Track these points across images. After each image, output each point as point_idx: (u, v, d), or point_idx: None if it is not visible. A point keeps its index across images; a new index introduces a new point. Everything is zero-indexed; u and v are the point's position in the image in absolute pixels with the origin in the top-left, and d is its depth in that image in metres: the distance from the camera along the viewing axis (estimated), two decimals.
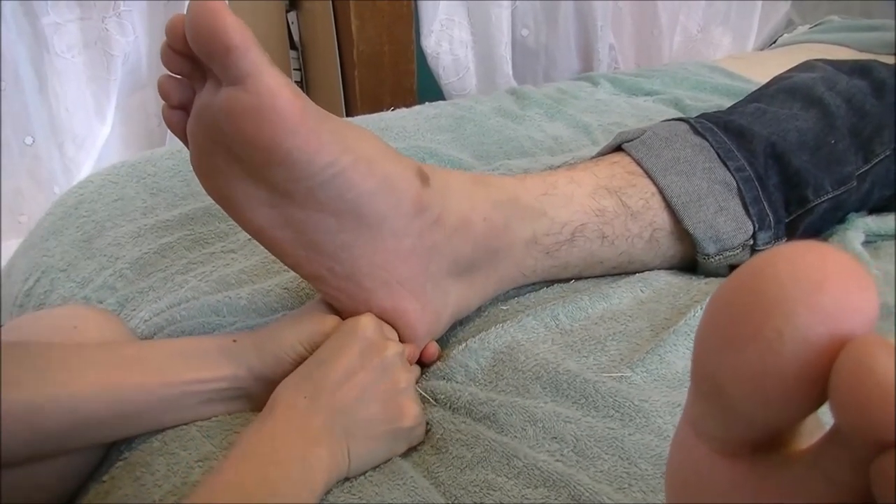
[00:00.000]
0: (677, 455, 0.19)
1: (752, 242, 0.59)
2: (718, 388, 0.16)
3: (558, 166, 0.63)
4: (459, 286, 0.53)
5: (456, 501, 0.41)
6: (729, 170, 0.59)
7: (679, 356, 0.51)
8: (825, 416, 0.16)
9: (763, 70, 1.12)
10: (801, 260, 0.14)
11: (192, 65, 0.44)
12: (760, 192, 0.59)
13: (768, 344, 0.14)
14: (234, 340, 0.48)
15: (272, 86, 0.41)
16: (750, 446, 0.17)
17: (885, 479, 0.13)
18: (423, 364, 0.52)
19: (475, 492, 0.41)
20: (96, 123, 1.15)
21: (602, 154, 0.64)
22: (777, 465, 0.16)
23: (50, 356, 0.44)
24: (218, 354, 0.47)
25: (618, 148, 0.63)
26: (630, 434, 0.44)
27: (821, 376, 0.14)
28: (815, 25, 1.47)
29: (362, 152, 0.46)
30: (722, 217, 0.58)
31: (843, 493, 0.14)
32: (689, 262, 0.61)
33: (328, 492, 0.42)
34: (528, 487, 0.41)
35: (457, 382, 0.50)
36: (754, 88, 0.74)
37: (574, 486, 0.40)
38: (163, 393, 0.45)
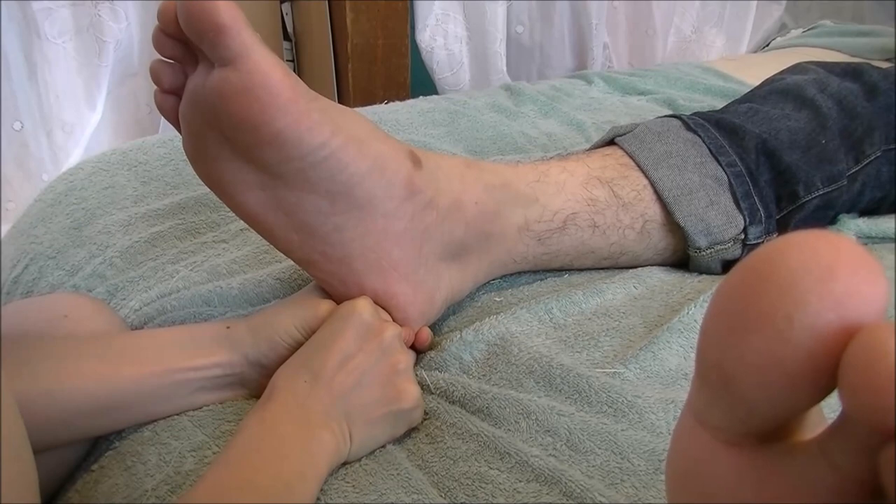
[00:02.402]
0: (679, 444, 0.19)
1: (743, 237, 0.59)
2: (724, 377, 0.16)
3: (551, 157, 0.63)
4: (452, 270, 0.53)
5: (448, 493, 0.41)
6: (720, 165, 0.59)
7: (672, 353, 0.51)
8: (828, 411, 0.17)
9: (755, 73, 1.12)
10: (811, 247, 0.14)
11: (183, 49, 0.43)
12: (752, 188, 0.59)
13: (777, 331, 0.14)
14: (228, 327, 0.47)
15: (262, 65, 0.41)
16: (754, 436, 0.16)
17: (894, 468, 0.13)
18: (416, 350, 0.52)
19: (468, 484, 0.41)
20: (86, 111, 1.14)
21: (595, 148, 0.64)
22: (781, 454, 0.16)
23: (42, 350, 0.43)
24: (211, 341, 0.46)
25: (611, 142, 0.63)
26: (623, 429, 0.44)
27: (830, 364, 0.14)
28: (808, 30, 1.48)
29: (353, 133, 0.46)
30: (713, 211, 0.58)
31: (849, 483, 0.14)
32: (682, 257, 0.61)
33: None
34: (520, 482, 0.41)
35: (451, 374, 0.50)
36: (747, 90, 0.74)
37: (566, 483, 0.40)
38: (157, 382, 0.45)
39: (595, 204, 0.57)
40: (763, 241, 0.60)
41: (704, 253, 0.59)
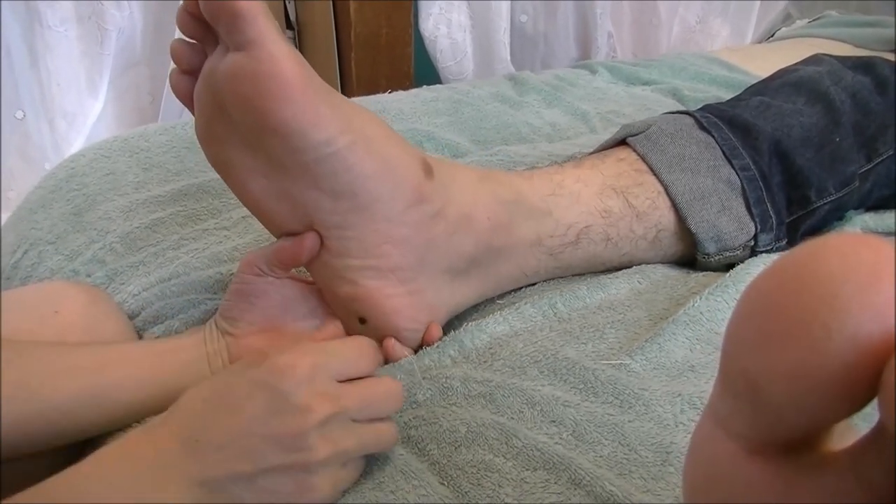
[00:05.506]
0: (700, 450, 0.18)
1: (752, 243, 0.59)
2: (752, 384, 0.15)
3: (565, 160, 0.62)
4: (456, 284, 0.52)
5: (452, 482, 0.40)
6: (734, 168, 0.58)
7: (678, 345, 0.50)
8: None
9: (760, 63, 1.12)
10: (853, 254, 0.14)
11: (205, 29, 0.43)
12: (764, 193, 0.58)
13: (813, 340, 0.14)
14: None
15: (275, 53, 0.41)
16: (780, 445, 0.16)
17: None
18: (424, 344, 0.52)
19: (472, 472, 0.40)
20: (88, 99, 1.13)
21: (606, 147, 0.63)
22: (809, 465, 0.15)
23: (27, 353, 0.43)
24: (195, 334, 0.48)
25: (622, 141, 0.62)
26: (630, 421, 0.43)
27: (867, 377, 0.14)
28: (813, 20, 1.47)
29: (364, 134, 0.45)
30: (724, 217, 0.57)
31: (880, 499, 0.14)
32: (688, 260, 0.61)
33: None
34: (527, 469, 0.40)
35: (450, 359, 0.49)
36: (753, 81, 0.73)
37: (575, 470, 0.39)
38: (147, 367, 0.45)
39: (609, 216, 0.56)
40: (772, 249, 0.60)
41: (713, 259, 0.59)
